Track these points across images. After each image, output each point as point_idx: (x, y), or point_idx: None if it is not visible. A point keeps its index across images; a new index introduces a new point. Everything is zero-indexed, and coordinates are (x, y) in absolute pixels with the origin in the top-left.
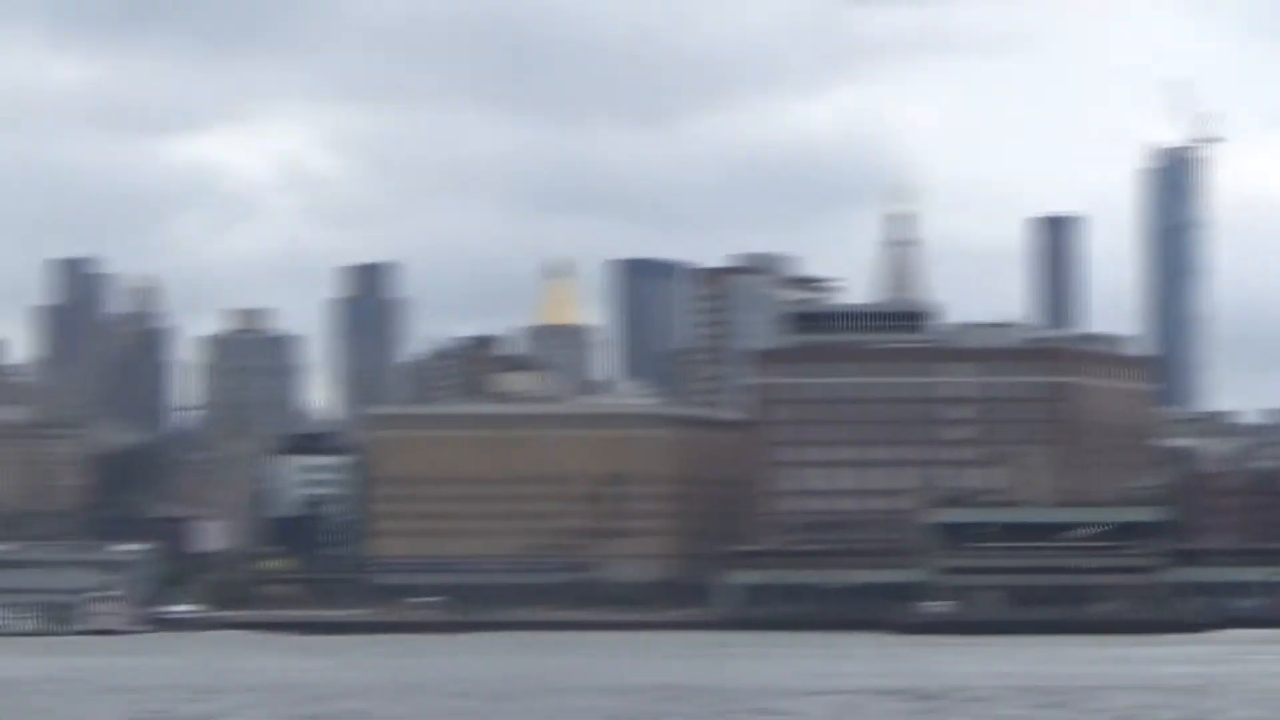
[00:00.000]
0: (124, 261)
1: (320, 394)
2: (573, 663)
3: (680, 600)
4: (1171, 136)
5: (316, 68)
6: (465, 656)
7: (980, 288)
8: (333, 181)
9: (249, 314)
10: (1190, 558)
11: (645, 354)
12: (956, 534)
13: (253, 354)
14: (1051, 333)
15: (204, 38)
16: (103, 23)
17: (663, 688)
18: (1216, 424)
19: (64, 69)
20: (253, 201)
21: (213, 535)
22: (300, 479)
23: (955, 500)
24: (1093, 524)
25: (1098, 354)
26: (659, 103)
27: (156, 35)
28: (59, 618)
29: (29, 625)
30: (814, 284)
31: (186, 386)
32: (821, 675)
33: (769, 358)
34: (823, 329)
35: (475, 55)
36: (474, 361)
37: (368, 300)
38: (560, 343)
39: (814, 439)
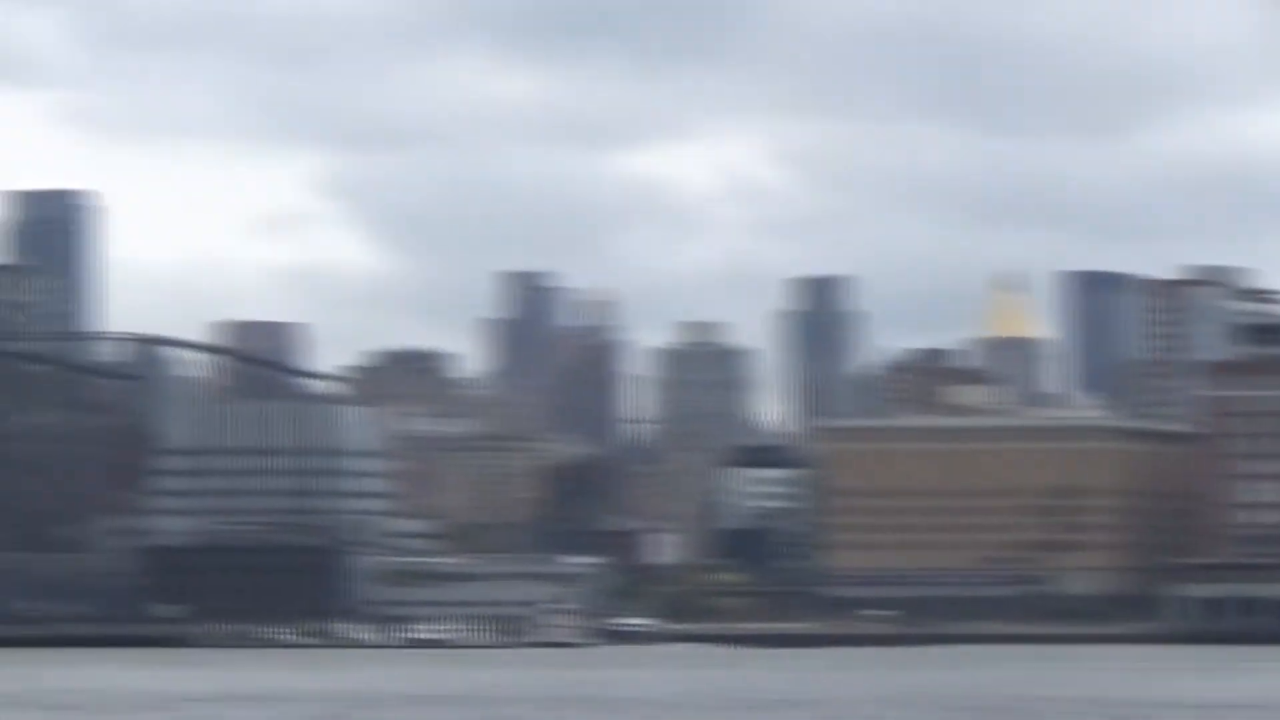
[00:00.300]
0: (573, 275)
1: (770, 406)
2: (1032, 676)
3: (1131, 613)
4: None
5: (759, 80)
6: (922, 670)
7: None
8: (779, 194)
9: (700, 327)
10: None
11: (1096, 366)
12: None
13: (703, 367)
14: None
15: (647, 51)
16: (547, 37)
17: (1133, 703)
18: None
19: (510, 84)
20: (700, 214)
21: (664, 548)
22: (751, 491)
23: None
24: None
25: None
26: (1109, 113)
27: (601, 49)
28: (512, 630)
29: (483, 638)
30: (1268, 296)
31: (637, 399)
32: None
33: (1222, 370)
34: (1276, 342)
35: (924, 66)
36: (925, 374)
37: (818, 313)
38: (1011, 355)
39: (1267, 452)
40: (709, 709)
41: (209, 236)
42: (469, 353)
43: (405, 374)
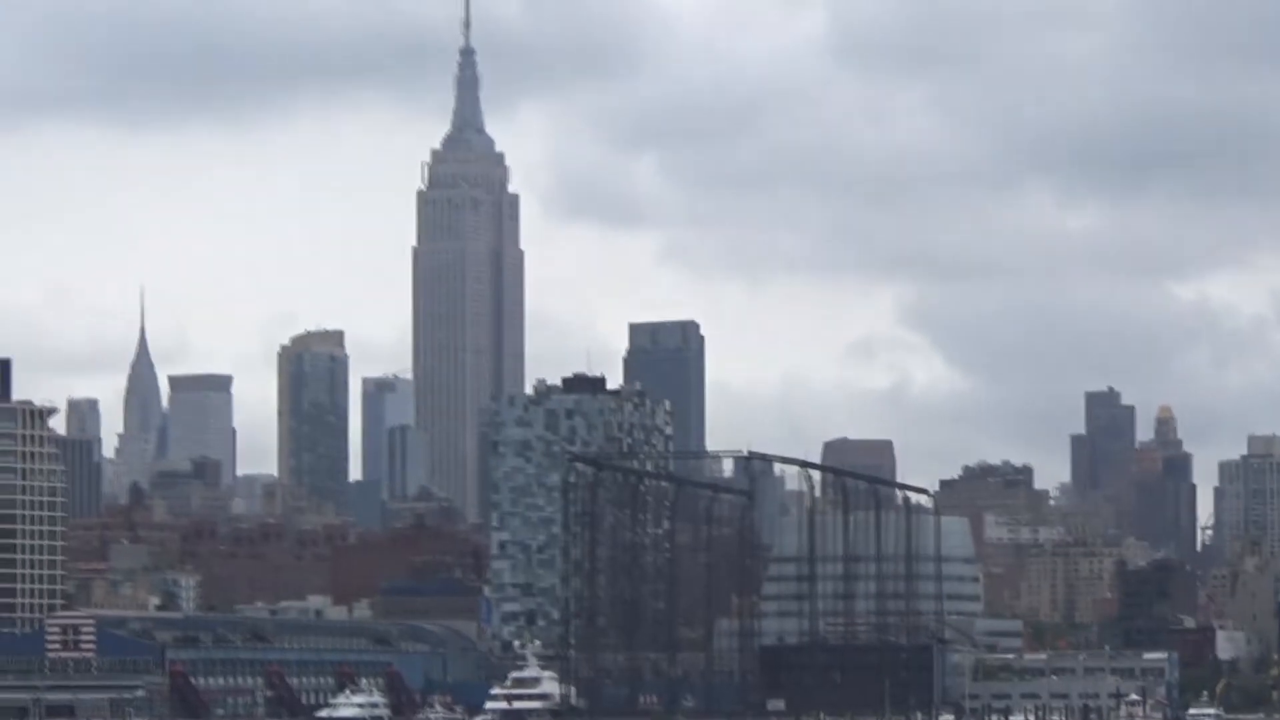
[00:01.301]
0: (1139, 393)
1: None
2: None
3: None
4: None
5: None
6: None
7: None
8: None
9: (1266, 440)
10: None
11: None
12: None
13: (1267, 477)
14: None
15: (1204, 185)
16: (1111, 173)
17: None
18: None
19: (1078, 218)
20: (1253, 337)
21: (1230, 644)
22: None
23: None
24: None
25: None
26: None
27: (1158, 185)
28: None
29: None
30: None
31: (1204, 507)
32: None
33: None
34: None
35: None
36: None
37: None
38: None
39: None
40: None
41: (802, 362)
42: (1046, 465)
43: (989, 486)
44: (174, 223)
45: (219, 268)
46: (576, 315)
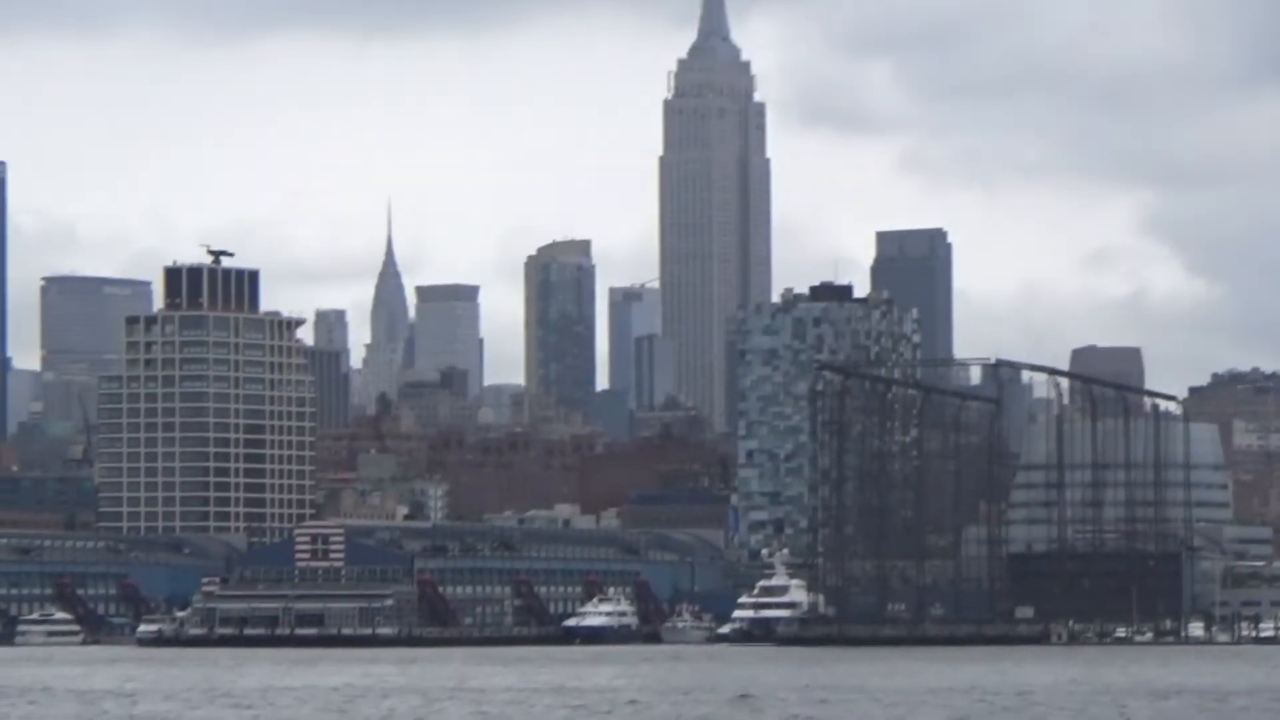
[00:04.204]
0: None
1: None
2: None
3: None
4: None
5: None
6: None
7: None
8: None
9: None
10: None
11: None
12: None
13: None
14: None
15: None
16: None
17: None
18: None
19: None
20: None
21: None
22: None
23: None
24: None
25: None
26: None
27: None
28: None
29: None
30: None
31: None
32: None
33: None
34: None
35: None
36: None
37: None
38: None
39: None
40: None
41: (1041, 269)
42: None
43: (1239, 393)
44: (416, 132)
45: (460, 177)
46: (820, 223)
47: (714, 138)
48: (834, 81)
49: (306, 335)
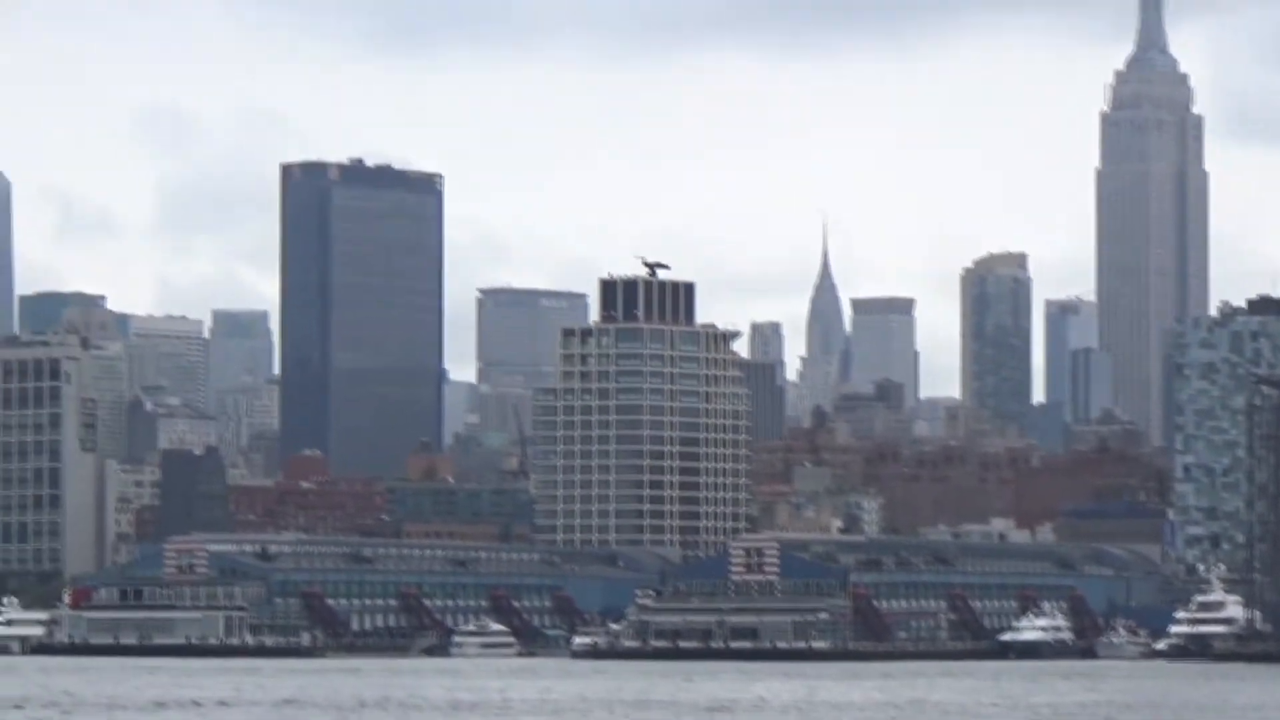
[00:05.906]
0: None
1: None
2: None
3: None
4: None
5: None
6: None
7: None
8: None
9: None
10: None
11: None
12: None
13: None
14: None
15: None
16: None
17: None
18: None
19: None
20: None
21: None
22: None
23: None
24: None
25: None
26: None
27: None
28: None
29: None
30: None
31: None
32: None
33: None
34: None
35: None
36: None
37: None
38: None
39: None
40: None
41: None
42: None
43: None
44: (850, 144)
45: (894, 189)
46: (1257, 235)
47: (1151, 150)
48: (1268, 92)
49: (742, 348)
